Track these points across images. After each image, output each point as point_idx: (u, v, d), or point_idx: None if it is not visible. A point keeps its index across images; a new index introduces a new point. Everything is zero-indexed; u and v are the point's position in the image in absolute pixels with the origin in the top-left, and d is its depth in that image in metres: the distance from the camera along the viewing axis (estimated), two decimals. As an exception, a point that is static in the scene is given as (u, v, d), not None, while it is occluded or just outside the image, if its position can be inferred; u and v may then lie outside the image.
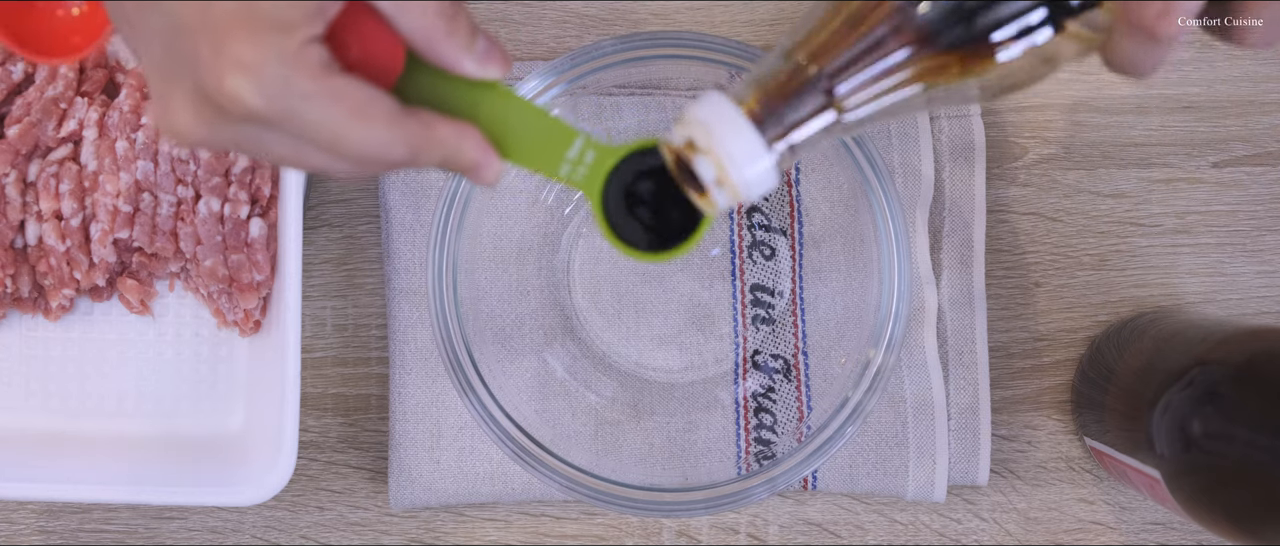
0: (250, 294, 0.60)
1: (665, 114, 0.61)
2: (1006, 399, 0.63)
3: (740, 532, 0.63)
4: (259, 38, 0.33)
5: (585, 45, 0.55)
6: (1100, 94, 0.63)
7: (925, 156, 0.61)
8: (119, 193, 0.59)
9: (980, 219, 0.62)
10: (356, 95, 0.36)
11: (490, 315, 0.60)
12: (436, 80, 0.39)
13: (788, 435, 0.60)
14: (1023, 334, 0.63)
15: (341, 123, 0.35)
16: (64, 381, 0.62)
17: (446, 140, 0.38)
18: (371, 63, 0.38)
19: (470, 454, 0.61)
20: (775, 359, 0.61)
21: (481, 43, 0.38)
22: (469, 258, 0.58)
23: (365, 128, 0.36)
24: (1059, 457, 0.63)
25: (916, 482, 0.61)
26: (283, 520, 0.63)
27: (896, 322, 0.55)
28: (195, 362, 0.62)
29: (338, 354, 0.63)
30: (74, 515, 0.63)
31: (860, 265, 0.59)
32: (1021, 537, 0.63)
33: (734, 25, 0.64)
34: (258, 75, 0.34)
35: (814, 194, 0.61)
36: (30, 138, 0.59)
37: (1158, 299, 0.63)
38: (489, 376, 0.55)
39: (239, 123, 0.35)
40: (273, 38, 0.34)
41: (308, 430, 0.63)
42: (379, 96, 0.36)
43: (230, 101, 0.34)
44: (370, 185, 0.64)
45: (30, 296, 0.61)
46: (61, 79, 0.60)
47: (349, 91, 0.35)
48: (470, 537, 0.62)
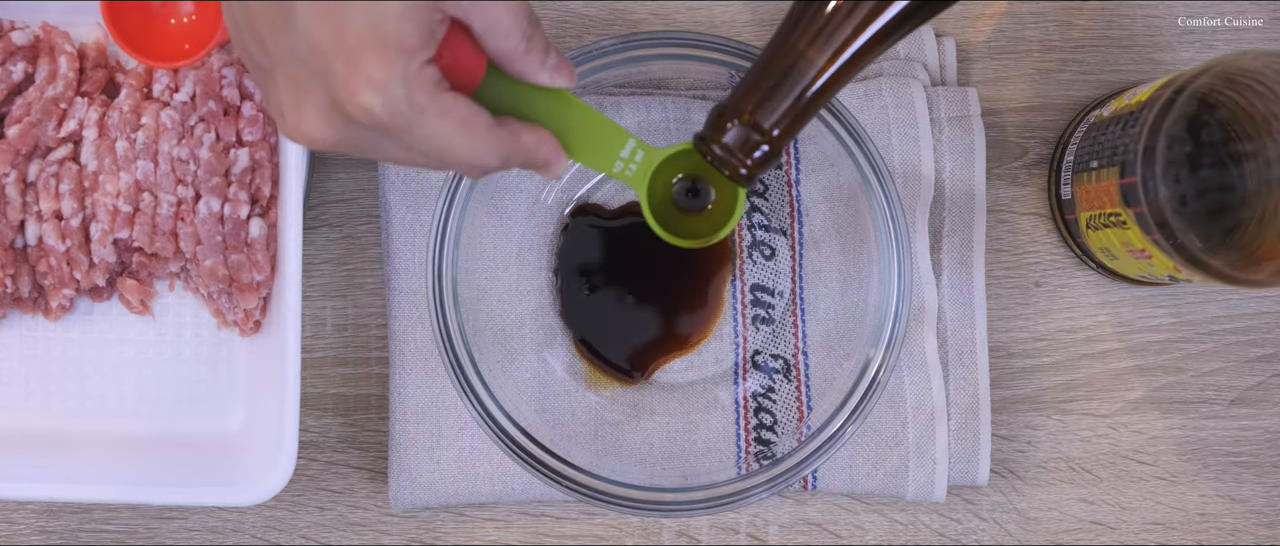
0: (250, 294, 0.60)
1: (666, 114, 0.61)
2: (1006, 399, 0.63)
3: (740, 532, 0.63)
4: (386, 58, 0.39)
5: (585, 45, 0.55)
6: (1100, 94, 0.64)
7: (925, 156, 0.61)
8: (119, 193, 0.59)
9: (980, 219, 0.62)
10: (462, 110, 0.42)
11: (490, 315, 0.60)
12: (512, 86, 0.45)
13: (788, 435, 0.60)
14: (1023, 334, 0.63)
15: (449, 134, 0.42)
16: (64, 381, 0.62)
17: (529, 146, 0.45)
18: (459, 71, 0.43)
19: (470, 454, 0.61)
20: (775, 359, 0.61)
21: (553, 57, 0.44)
22: (469, 258, 0.58)
23: (468, 138, 0.42)
24: (1059, 457, 0.63)
25: (916, 482, 0.61)
26: (283, 520, 0.63)
27: (896, 323, 0.55)
28: (195, 362, 0.62)
29: (338, 354, 0.63)
30: (74, 515, 0.63)
31: (860, 265, 0.59)
32: (1021, 537, 0.63)
33: (734, 25, 0.64)
34: (385, 91, 0.39)
35: (814, 194, 0.61)
36: (30, 138, 0.59)
37: (1159, 298, 0.63)
38: (489, 376, 0.55)
39: (364, 130, 0.41)
40: (398, 59, 0.39)
41: (308, 430, 0.63)
42: (479, 111, 0.42)
43: (361, 112, 0.40)
44: (370, 185, 0.64)
45: (30, 296, 0.61)
46: (61, 79, 0.60)
47: (456, 107, 0.41)
48: (470, 537, 0.62)
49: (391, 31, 0.39)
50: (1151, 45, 0.64)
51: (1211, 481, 0.63)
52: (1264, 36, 0.63)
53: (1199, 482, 0.63)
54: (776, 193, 0.61)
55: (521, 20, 0.42)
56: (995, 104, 0.64)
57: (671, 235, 0.50)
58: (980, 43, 0.64)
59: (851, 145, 0.55)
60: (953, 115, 0.61)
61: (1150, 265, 0.55)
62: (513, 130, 0.44)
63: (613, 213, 0.62)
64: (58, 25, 0.61)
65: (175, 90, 0.60)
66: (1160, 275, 0.56)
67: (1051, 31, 0.64)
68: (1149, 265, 0.55)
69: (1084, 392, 0.63)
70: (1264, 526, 0.63)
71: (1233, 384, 0.63)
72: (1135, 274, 0.59)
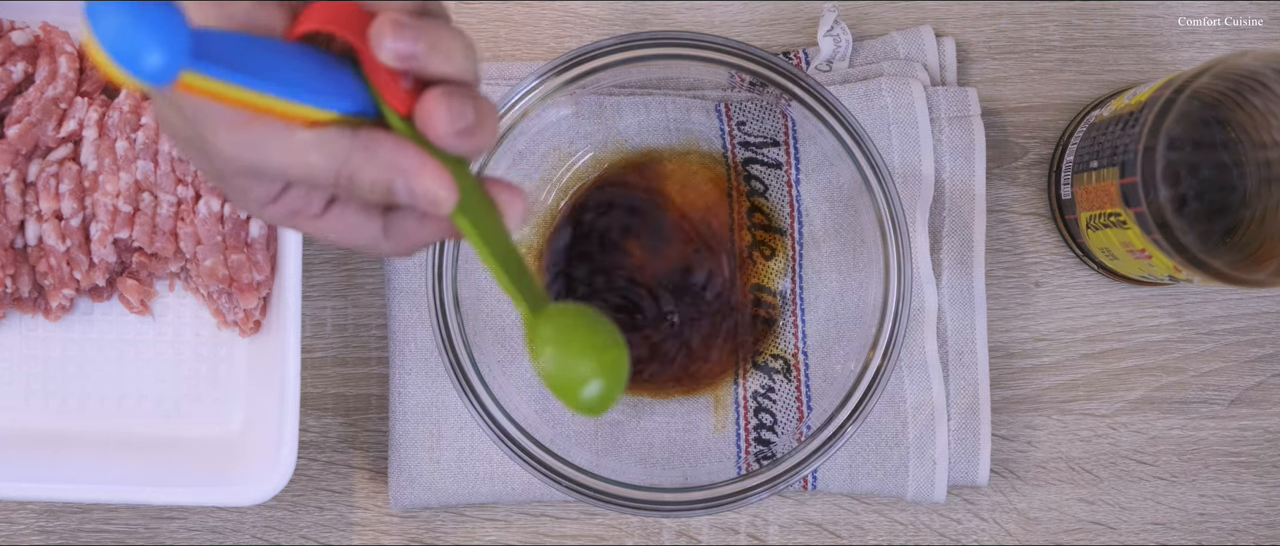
0: (250, 294, 0.60)
1: (665, 114, 0.61)
2: (1006, 399, 0.63)
3: (740, 532, 0.63)
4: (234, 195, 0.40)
5: (585, 45, 0.55)
6: (1100, 94, 0.64)
7: (925, 156, 0.61)
8: (119, 193, 0.59)
9: (980, 219, 0.62)
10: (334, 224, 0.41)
11: (490, 315, 0.60)
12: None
13: (788, 435, 0.60)
14: (1023, 334, 0.63)
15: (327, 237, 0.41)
16: (64, 381, 0.62)
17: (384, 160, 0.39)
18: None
19: (470, 454, 0.61)
20: (775, 359, 0.61)
21: (400, 192, 0.38)
22: (469, 257, 0.58)
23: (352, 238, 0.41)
24: (1059, 457, 0.63)
25: (916, 482, 0.61)
26: (283, 520, 0.63)
27: (896, 323, 0.55)
28: (195, 362, 0.62)
29: (338, 354, 0.63)
30: (74, 515, 0.63)
31: (860, 265, 0.59)
32: (1021, 537, 0.63)
33: (734, 25, 0.64)
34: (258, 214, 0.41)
35: (814, 194, 0.61)
36: (30, 138, 0.59)
37: (1159, 298, 0.63)
38: (489, 376, 0.55)
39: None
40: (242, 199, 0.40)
41: (308, 430, 0.63)
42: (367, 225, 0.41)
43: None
44: (370, 185, 0.63)
45: (30, 296, 0.61)
46: (61, 79, 0.60)
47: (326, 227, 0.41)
48: (470, 537, 0.62)
49: (210, 175, 0.40)
50: (1151, 45, 0.64)
51: (1211, 481, 0.63)
52: (1264, 36, 0.63)
53: (1199, 482, 0.63)
54: (776, 193, 0.61)
55: (321, 176, 0.37)
56: (995, 104, 0.64)
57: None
58: (980, 43, 0.64)
59: (851, 145, 0.55)
60: (953, 115, 0.61)
61: (1150, 265, 0.55)
62: (406, 231, 0.41)
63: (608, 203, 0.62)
64: (58, 25, 0.61)
65: (175, 90, 0.60)
66: (1160, 275, 0.56)
67: (1051, 31, 0.64)
68: (1149, 265, 0.55)
69: (1084, 392, 0.63)
70: (1264, 526, 0.63)
71: (1233, 384, 0.63)
72: (1135, 274, 0.59)
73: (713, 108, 0.61)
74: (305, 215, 0.40)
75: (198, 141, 0.37)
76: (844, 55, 0.62)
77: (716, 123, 0.61)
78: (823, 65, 0.62)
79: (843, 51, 0.62)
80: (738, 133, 0.61)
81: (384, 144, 0.37)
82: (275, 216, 0.40)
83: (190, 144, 0.38)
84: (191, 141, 0.38)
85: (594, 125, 0.61)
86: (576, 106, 0.60)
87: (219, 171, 0.38)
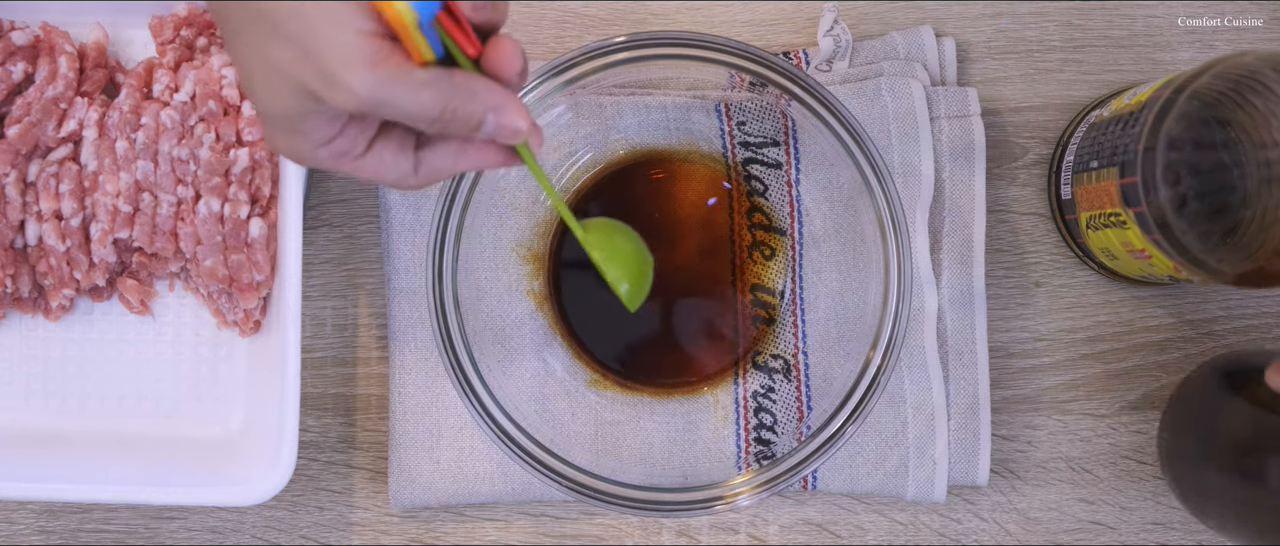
0: (250, 294, 0.60)
1: (666, 114, 0.61)
2: (1006, 399, 0.63)
3: (740, 532, 0.63)
4: (280, 135, 0.44)
5: (585, 45, 0.55)
6: (1100, 94, 0.64)
7: (925, 156, 0.61)
8: (119, 193, 0.59)
9: (980, 219, 0.62)
10: (372, 166, 0.45)
11: (490, 315, 0.60)
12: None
13: (788, 435, 0.60)
14: (1023, 334, 0.63)
15: (370, 177, 0.45)
16: (64, 381, 0.62)
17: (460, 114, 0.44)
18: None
19: (470, 454, 0.61)
20: (775, 359, 0.61)
21: (491, 123, 0.43)
22: (469, 258, 0.58)
23: (390, 179, 0.46)
24: (1059, 457, 0.63)
25: (916, 482, 0.61)
26: (283, 520, 0.63)
27: (896, 323, 0.55)
28: (195, 362, 0.62)
29: (338, 354, 0.63)
30: (74, 515, 0.63)
31: (860, 265, 0.59)
32: (1021, 537, 0.63)
33: (734, 25, 0.64)
34: (290, 154, 0.45)
35: (814, 194, 0.61)
36: (30, 138, 0.59)
37: (1159, 298, 0.63)
38: (489, 376, 0.55)
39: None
40: (290, 138, 0.43)
41: (308, 430, 0.63)
42: (403, 160, 0.45)
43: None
44: (370, 185, 0.64)
45: (30, 296, 0.61)
46: (61, 79, 0.60)
47: (369, 164, 0.45)
48: (470, 537, 0.62)
49: (271, 120, 0.42)
50: (1151, 45, 0.64)
51: (1211, 481, 0.63)
52: (1264, 36, 0.63)
53: (1199, 482, 0.63)
54: (776, 193, 0.61)
55: (423, 113, 0.42)
56: (995, 104, 0.64)
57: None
58: (980, 43, 0.64)
59: (851, 145, 0.55)
60: (953, 115, 0.61)
61: (1150, 265, 0.55)
62: (433, 167, 0.46)
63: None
64: (58, 25, 0.61)
65: (175, 90, 0.60)
66: (1160, 275, 0.56)
67: (1051, 31, 0.64)
68: (1149, 265, 0.55)
69: (1084, 392, 0.63)
70: (1264, 526, 0.63)
71: (1233, 384, 0.63)
72: (1135, 274, 0.59)
73: (713, 108, 0.61)
74: (350, 156, 0.44)
75: (309, 78, 0.40)
76: (844, 55, 0.62)
77: (716, 123, 0.61)
78: (823, 65, 0.62)
79: (843, 51, 0.62)
80: (738, 133, 0.61)
81: (478, 85, 0.42)
82: (323, 157, 0.43)
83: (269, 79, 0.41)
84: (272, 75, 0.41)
85: (594, 125, 0.61)
86: (576, 106, 0.60)
87: (289, 111, 0.41)
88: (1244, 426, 0.54)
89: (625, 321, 0.62)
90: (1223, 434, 0.55)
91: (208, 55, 0.61)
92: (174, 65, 0.61)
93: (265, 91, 0.41)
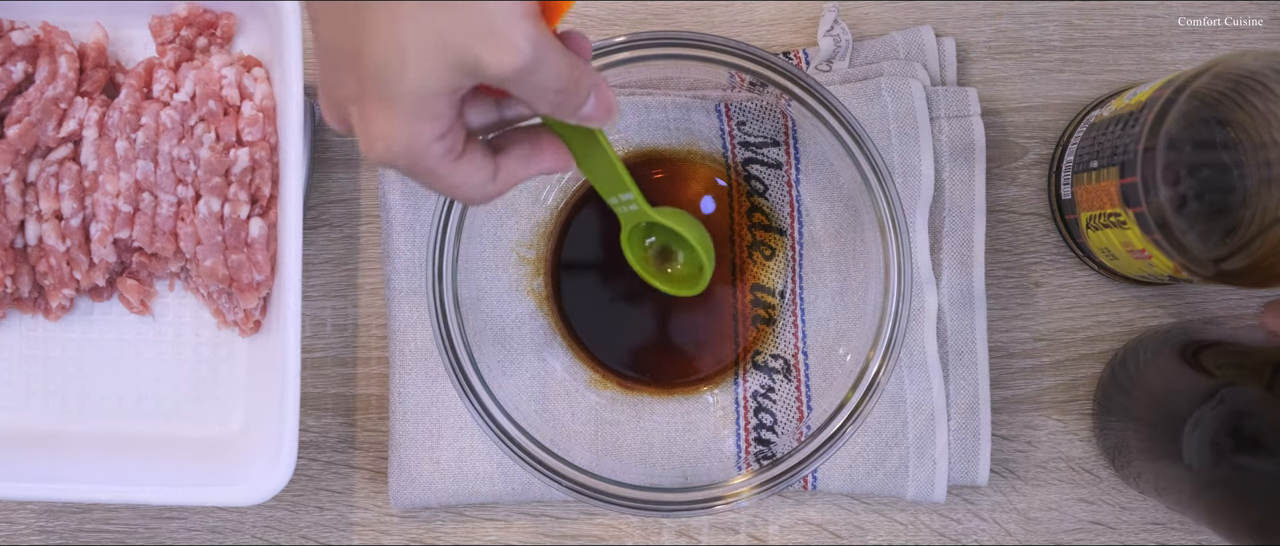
0: (250, 294, 0.60)
1: (666, 114, 0.61)
2: (1006, 399, 0.63)
3: (740, 532, 0.63)
4: (395, 125, 0.41)
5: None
6: (1100, 94, 0.64)
7: (925, 156, 0.61)
8: (119, 193, 0.59)
9: (980, 219, 0.62)
10: (462, 176, 0.44)
11: (490, 315, 0.60)
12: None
13: (788, 435, 0.60)
14: (1023, 334, 0.63)
15: (454, 190, 0.44)
16: (64, 381, 0.62)
17: (527, 173, 0.46)
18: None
19: (470, 454, 0.61)
20: (775, 359, 0.61)
21: (590, 105, 0.44)
22: (469, 258, 0.58)
23: (471, 193, 0.44)
24: (1059, 457, 0.63)
25: (916, 482, 0.61)
26: (283, 520, 0.63)
27: (896, 323, 0.55)
28: (195, 362, 0.62)
29: (338, 354, 0.63)
30: (74, 515, 0.63)
31: (860, 265, 0.59)
32: (1021, 537, 0.63)
33: (734, 25, 0.64)
34: (390, 152, 0.42)
35: (814, 194, 0.61)
36: (30, 138, 0.59)
37: (1159, 298, 0.63)
38: (489, 376, 0.55)
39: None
40: (408, 128, 0.41)
41: (308, 430, 0.63)
42: (482, 169, 0.44)
43: (375, 159, 0.43)
44: (370, 185, 0.64)
45: (30, 296, 0.61)
46: (61, 79, 0.60)
47: (460, 170, 0.43)
48: (470, 537, 0.62)
49: (409, 102, 0.40)
50: (1151, 45, 0.64)
51: (1211, 481, 0.63)
52: (1264, 36, 0.63)
53: (1199, 482, 0.63)
54: (776, 193, 0.61)
55: (557, 83, 0.42)
56: (995, 104, 0.64)
57: (649, 275, 0.58)
58: (980, 43, 0.64)
59: (851, 145, 0.55)
60: (953, 115, 0.61)
61: (1150, 265, 0.55)
62: (510, 172, 0.45)
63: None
64: (58, 25, 0.61)
65: (175, 90, 0.60)
66: (1160, 275, 0.56)
67: (1051, 31, 0.64)
68: (1149, 265, 0.55)
69: (1084, 392, 0.63)
70: (1264, 526, 0.63)
71: (1233, 384, 0.63)
72: (1135, 274, 0.59)
73: (713, 108, 0.61)
74: (453, 155, 0.42)
75: (475, 40, 0.39)
76: (844, 55, 0.62)
77: (716, 123, 0.61)
78: (823, 65, 0.62)
79: (843, 51, 0.62)
80: (738, 133, 0.61)
81: (581, 61, 0.43)
82: (435, 153, 0.42)
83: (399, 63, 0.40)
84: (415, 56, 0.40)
85: (594, 125, 0.61)
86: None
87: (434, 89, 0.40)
88: (1171, 384, 0.56)
89: (625, 321, 0.62)
90: (1150, 387, 0.57)
91: (208, 55, 0.61)
92: (174, 65, 0.61)
93: (419, 65, 0.40)
